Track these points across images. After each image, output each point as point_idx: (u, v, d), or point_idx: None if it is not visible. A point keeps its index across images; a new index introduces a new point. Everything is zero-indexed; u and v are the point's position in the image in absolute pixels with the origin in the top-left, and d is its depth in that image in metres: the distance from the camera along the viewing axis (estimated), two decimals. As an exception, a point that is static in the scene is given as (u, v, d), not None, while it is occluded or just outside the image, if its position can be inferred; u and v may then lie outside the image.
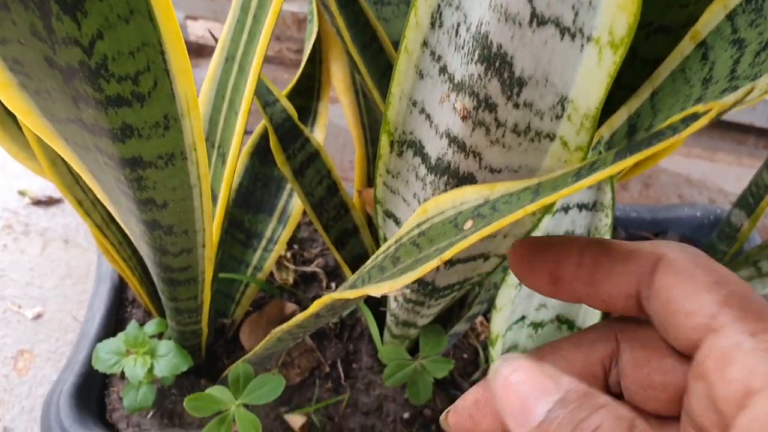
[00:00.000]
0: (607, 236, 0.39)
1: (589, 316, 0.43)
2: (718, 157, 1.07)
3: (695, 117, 0.24)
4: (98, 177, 0.36)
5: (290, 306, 0.61)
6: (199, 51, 1.14)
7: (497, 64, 0.28)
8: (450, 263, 0.43)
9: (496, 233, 0.39)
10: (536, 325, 0.46)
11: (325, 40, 0.56)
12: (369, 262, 0.37)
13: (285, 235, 0.56)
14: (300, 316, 0.39)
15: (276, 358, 0.59)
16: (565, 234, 0.40)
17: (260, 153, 0.56)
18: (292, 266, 0.64)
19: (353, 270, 0.57)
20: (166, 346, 0.51)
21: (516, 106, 0.28)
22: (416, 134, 0.35)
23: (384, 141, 0.36)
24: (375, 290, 0.33)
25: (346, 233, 0.54)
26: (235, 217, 0.56)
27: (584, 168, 0.27)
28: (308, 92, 0.56)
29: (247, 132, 0.49)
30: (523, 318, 0.45)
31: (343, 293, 0.35)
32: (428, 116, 0.34)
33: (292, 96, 0.54)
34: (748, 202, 0.54)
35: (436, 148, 0.34)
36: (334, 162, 0.51)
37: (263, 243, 0.57)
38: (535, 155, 0.30)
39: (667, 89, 0.39)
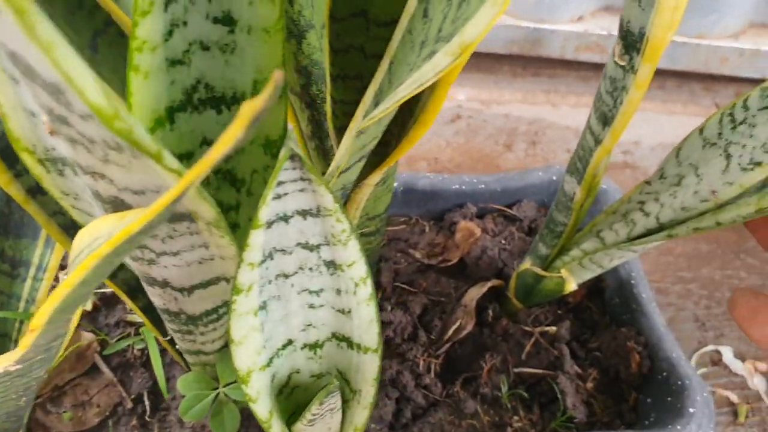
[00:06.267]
0: (351, 241, 0.32)
1: (364, 332, 0.37)
2: (607, 104, 1.01)
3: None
4: None
5: (86, 335, 0.53)
6: None
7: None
8: (187, 291, 0.35)
9: (213, 255, 0.32)
10: (313, 347, 0.39)
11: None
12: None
13: (54, 260, 0.48)
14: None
15: (71, 399, 0.51)
16: (304, 244, 0.32)
17: (8, 168, 0.47)
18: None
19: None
20: None
21: (84, 117, 0.21)
22: (57, 151, 0.28)
23: (30, 163, 0.29)
24: None
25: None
26: (-9, 245, 0.48)
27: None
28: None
29: None
30: (290, 342, 0.38)
31: None
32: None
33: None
34: (576, 167, 0.48)
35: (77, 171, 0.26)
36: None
37: (32, 271, 0.49)
38: (153, 173, 0.23)
39: (399, 56, 0.31)
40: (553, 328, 0.57)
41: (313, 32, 0.39)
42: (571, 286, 0.54)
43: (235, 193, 0.39)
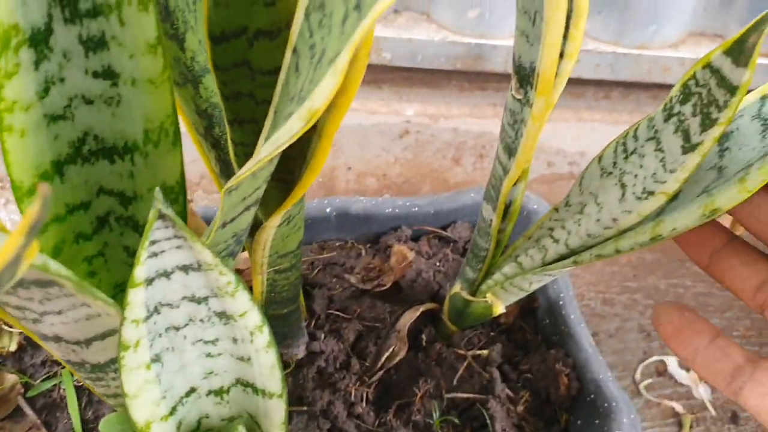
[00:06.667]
0: (239, 292, 0.32)
1: (266, 379, 0.37)
2: (554, 114, 1.02)
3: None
4: None
5: (9, 377, 0.53)
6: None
7: None
8: (84, 344, 0.35)
9: (98, 312, 0.32)
10: (218, 393, 0.39)
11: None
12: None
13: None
14: None
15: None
16: (191, 297, 0.32)
17: None
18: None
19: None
20: None
21: None
22: None
23: None
24: None
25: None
26: None
27: None
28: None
29: None
30: (193, 390, 0.37)
31: None
32: None
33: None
34: (491, 195, 0.48)
35: None
36: None
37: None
38: None
39: (280, 108, 0.31)
40: (486, 351, 0.57)
41: (209, 76, 0.38)
42: (499, 309, 0.54)
43: (140, 237, 0.39)
